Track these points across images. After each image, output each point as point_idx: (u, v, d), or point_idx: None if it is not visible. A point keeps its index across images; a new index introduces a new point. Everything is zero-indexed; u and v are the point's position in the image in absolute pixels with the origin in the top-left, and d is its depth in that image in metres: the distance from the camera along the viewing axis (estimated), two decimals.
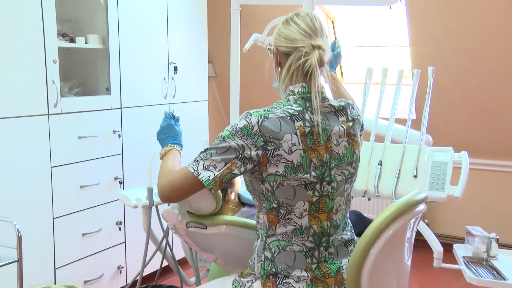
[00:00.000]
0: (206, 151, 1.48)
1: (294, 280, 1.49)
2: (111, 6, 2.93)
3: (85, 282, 2.89)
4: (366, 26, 4.26)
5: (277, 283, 1.49)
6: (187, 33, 3.51)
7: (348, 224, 1.64)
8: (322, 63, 1.52)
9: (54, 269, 2.72)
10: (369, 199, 2.80)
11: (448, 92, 3.66)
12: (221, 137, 1.48)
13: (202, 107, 3.70)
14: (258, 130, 1.45)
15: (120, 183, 3.07)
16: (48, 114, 2.62)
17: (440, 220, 4.09)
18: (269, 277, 1.51)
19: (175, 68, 3.40)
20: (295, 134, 1.46)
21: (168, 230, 2.07)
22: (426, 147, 2.58)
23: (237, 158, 1.45)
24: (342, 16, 4.17)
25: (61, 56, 2.71)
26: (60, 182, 2.71)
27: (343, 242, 1.58)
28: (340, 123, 1.55)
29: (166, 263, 2.37)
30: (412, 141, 2.71)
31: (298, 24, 1.53)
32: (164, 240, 2.20)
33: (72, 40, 2.80)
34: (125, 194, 2.27)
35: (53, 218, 2.69)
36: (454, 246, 2.65)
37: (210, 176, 1.45)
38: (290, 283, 1.49)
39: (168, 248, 2.24)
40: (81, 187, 2.83)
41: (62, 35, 2.78)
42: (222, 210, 1.88)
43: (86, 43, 2.87)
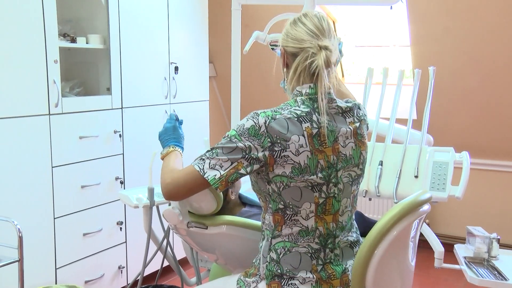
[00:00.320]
0: (212, 150, 1.47)
1: (300, 281, 1.48)
2: (112, 6, 2.93)
3: (86, 282, 2.89)
4: (367, 26, 4.25)
5: (282, 284, 1.49)
6: (188, 33, 3.51)
7: (354, 225, 1.63)
8: (329, 64, 1.51)
9: (55, 269, 2.72)
10: (370, 199, 2.80)
11: (449, 92, 3.66)
12: (227, 137, 1.47)
13: (203, 107, 3.70)
14: (265, 131, 1.44)
15: (121, 183, 3.07)
16: (49, 114, 2.62)
17: (441, 220, 4.09)
18: (274, 278, 1.50)
19: (176, 68, 3.40)
20: (302, 135, 1.45)
21: (169, 230, 2.07)
22: (427, 147, 2.58)
23: (243, 158, 1.44)
24: (343, 16, 4.16)
25: (62, 56, 2.72)
26: (61, 182, 2.71)
27: (349, 243, 1.58)
28: (347, 124, 1.54)
29: (167, 263, 2.37)
30: (413, 141, 2.71)
31: (306, 25, 1.52)
32: (165, 240, 2.20)
33: (73, 40, 2.81)
34: (126, 194, 2.27)
35: (54, 218, 2.69)
36: (455, 246, 2.65)
37: (216, 175, 1.45)
38: (295, 284, 1.48)
39: (169, 248, 2.24)
40: (82, 187, 2.83)
41: (63, 35, 2.78)
42: (223, 210, 1.88)
43: (87, 43, 2.87)
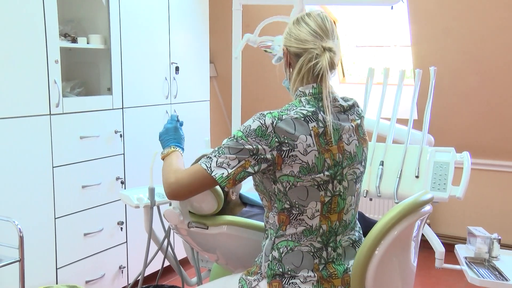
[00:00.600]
0: (219, 150, 1.47)
1: (301, 280, 1.49)
2: (113, 6, 2.93)
3: (86, 282, 2.89)
4: (367, 26, 4.25)
5: (283, 283, 1.49)
6: (188, 33, 3.51)
7: (357, 224, 1.64)
8: (333, 65, 1.51)
9: (56, 269, 2.72)
10: (370, 200, 2.80)
11: (449, 92, 3.65)
12: (234, 137, 1.46)
13: (204, 107, 3.70)
14: (273, 131, 1.44)
15: (122, 183, 3.08)
16: (50, 114, 2.62)
17: (442, 221, 4.09)
18: (275, 277, 1.50)
19: (177, 68, 3.40)
20: (309, 135, 1.45)
21: (170, 230, 2.07)
22: (428, 147, 2.58)
23: (251, 157, 1.44)
24: (343, 16, 4.16)
25: (63, 56, 2.72)
26: (62, 182, 2.71)
27: (351, 242, 1.58)
28: (349, 122, 1.56)
29: (168, 263, 2.37)
30: (414, 141, 2.71)
31: (309, 25, 1.51)
32: (166, 240, 2.20)
33: (74, 40, 2.81)
34: (126, 194, 2.27)
35: (55, 218, 2.69)
36: (456, 246, 2.65)
37: (223, 174, 1.45)
38: (296, 283, 1.48)
39: (169, 248, 2.24)
40: (82, 187, 2.83)
41: (64, 35, 2.78)
42: (223, 210, 1.88)
43: (88, 43, 2.87)
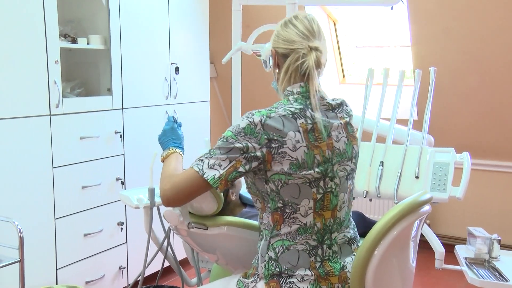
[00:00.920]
0: (210, 152, 1.48)
1: (298, 279, 1.49)
2: (113, 6, 2.93)
3: (86, 283, 2.89)
4: (367, 26, 4.25)
5: (280, 282, 1.49)
6: (188, 33, 3.51)
7: (351, 222, 1.65)
8: (319, 64, 1.55)
9: (56, 269, 2.72)
10: (370, 200, 2.81)
11: (449, 93, 3.65)
12: (224, 138, 1.48)
13: (204, 108, 3.70)
14: (262, 129, 1.46)
15: (122, 183, 3.08)
16: (50, 115, 2.62)
17: (442, 221, 4.09)
18: (272, 277, 1.51)
19: (177, 69, 3.41)
20: (298, 131, 1.47)
21: (170, 230, 2.07)
22: (427, 148, 2.58)
23: (241, 156, 1.45)
24: (343, 17, 4.16)
25: (63, 56, 2.72)
26: (62, 183, 2.71)
27: (346, 240, 1.58)
28: (338, 119, 1.58)
29: (168, 263, 2.37)
30: (414, 141, 2.71)
31: (297, 27, 1.55)
32: (166, 241, 2.20)
33: (74, 41, 2.81)
34: (126, 194, 2.27)
35: (54, 219, 2.69)
36: (456, 247, 2.65)
37: (215, 175, 1.46)
38: (293, 282, 1.49)
39: (169, 249, 2.24)
40: (82, 187, 2.83)
41: (64, 35, 2.78)
42: (223, 211, 1.88)
43: (88, 43, 2.88)
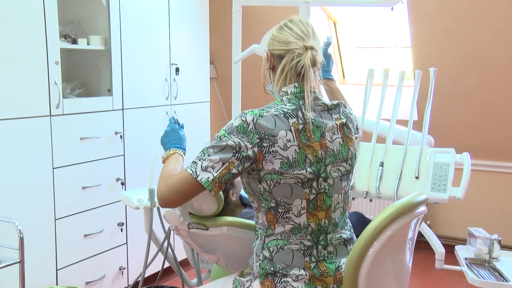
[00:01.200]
0: (204, 152, 1.50)
1: (293, 279, 1.49)
2: (113, 7, 2.93)
3: (86, 283, 2.89)
4: (367, 27, 4.26)
5: (275, 282, 1.50)
6: (189, 34, 3.52)
7: (348, 223, 1.65)
8: (315, 63, 1.56)
9: (56, 270, 2.72)
10: (370, 200, 2.81)
11: (450, 93, 3.66)
12: (217, 137, 1.50)
13: (204, 108, 3.70)
14: (254, 128, 1.47)
15: (122, 184, 3.08)
16: (50, 115, 2.62)
17: (442, 222, 4.09)
18: (267, 276, 1.51)
19: (177, 69, 3.41)
20: (289, 130, 1.49)
21: (170, 231, 2.07)
22: (427, 148, 2.58)
23: (234, 157, 1.46)
24: (343, 17, 4.17)
25: (63, 57, 2.72)
26: (62, 183, 2.71)
27: (342, 241, 1.59)
28: (333, 120, 1.58)
29: (168, 264, 2.37)
30: (414, 142, 2.71)
31: (292, 29, 1.58)
32: (166, 241, 2.20)
33: (74, 42, 2.81)
34: (127, 195, 2.27)
35: (55, 219, 2.69)
36: (456, 247, 2.65)
37: (209, 178, 1.46)
38: (288, 282, 1.49)
39: (169, 249, 2.24)
40: (83, 188, 2.83)
41: (64, 36, 2.79)
42: (224, 211, 1.88)
43: (88, 44, 2.88)
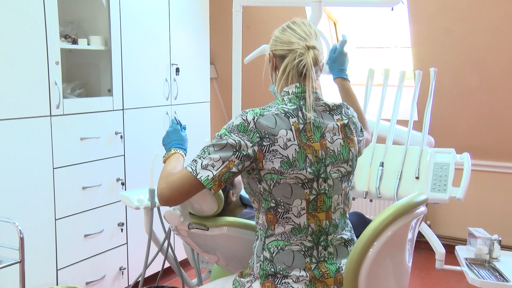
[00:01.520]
0: (204, 150, 1.50)
1: (293, 280, 1.49)
2: (113, 7, 2.93)
3: (87, 283, 2.89)
4: (368, 27, 4.25)
5: (276, 283, 1.50)
6: (189, 34, 3.52)
7: (348, 224, 1.65)
8: (317, 62, 1.56)
9: (56, 270, 2.72)
10: (371, 201, 2.80)
11: (450, 93, 3.66)
12: (218, 135, 1.50)
13: (204, 109, 3.70)
14: (254, 127, 1.47)
15: (122, 184, 3.08)
16: (50, 116, 2.62)
17: (442, 222, 4.09)
18: (268, 277, 1.51)
19: (177, 70, 3.41)
20: (290, 130, 1.49)
21: (170, 231, 2.07)
22: (428, 148, 2.58)
23: (234, 156, 1.46)
24: (344, 18, 4.17)
25: (63, 57, 2.72)
26: (62, 183, 2.71)
27: (343, 242, 1.58)
28: (334, 121, 1.58)
29: (168, 264, 2.37)
30: (414, 142, 2.71)
31: (294, 30, 1.59)
32: (166, 242, 2.20)
33: (74, 42, 2.81)
34: (127, 195, 2.27)
35: (55, 219, 2.69)
36: (456, 247, 2.65)
37: (209, 176, 1.46)
38: (289, 283, 1.49)
39: (170, 250, 2.24)
40: (83, 188, 2.83)
41: (65, 36, 2.79)
42: (224, 212, 1.88)
43: (88, 44, 2.88)
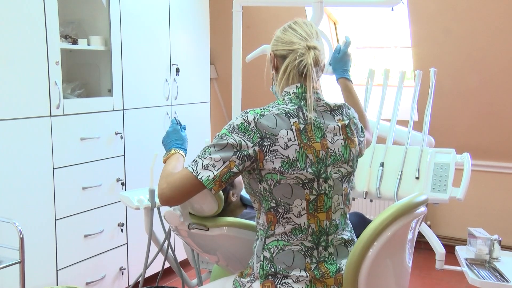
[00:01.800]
0: (205, 150, 1.50)
1: (293, 280, 1.49)
2: (113, 7, 2.93)
3: (87, 284, 2.89)
4: (368, 27, 4.25)
5: (276, 283, 1.50)
6: (189, 34, 3.52)
7: (348, 225, 1.65)
8: (317, 63, 1.56)
9: (56, 270, 2.72)
10: (371, 201, 2.80)
11: (450, 94, 3.66)
12: (219, 135, 1.50)
13: (204, 109, 3.70)
14: (255, 127, 1.47)
15: (122, 184, 3.08)
16: (50, 116, 2.62)
17: (443, 222, 4.09)
18: (268, 277, 1.51)
19: (177, 70, 3.41)
20: (290, 130, 1.49)
21: (170, 231, 2.07)
22: (428, 148, 2.58)
23: (234, 156, 1.46)
24: (344, 18, 4.17)
25: (63, 57, 2.72)
26: (62, 184, 2.71)
27: (343, 242, 1.58)
28: (335, 122, 1.58)
29: (168, 264, 2.37)
30: (414, 142, 2.71)
31: (296, 30, 1.58)
32: (166, 242, 2.20)
33: (74, 42, 2.81)
34: (127, 195, 2.27)
35: (55, 220, 2.69)
36: (457, 248, 2.65)
37: (209, 176, 1.46)
38: (289, 283, 1.49)
39: (170, 250, 2.24)
40: (83, 188, 2.83)
41: (65, 36, 2.79)
42: (224, 212, 1.88)
43: (88, 44, 2.88)
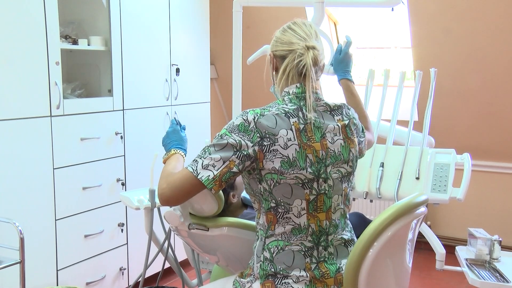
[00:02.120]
0: (205, 150, 1.50)
1: (293, 280, 1.49)
2: (114, 8, 2.93)
3: (87, 284, 2.89)
4: (368, 27, 4.25)
5: (276, 283, 1.50)
6: (189, 34, 3.52)
7: (348, 225, 1.65)
8: (316, 62, 1.57)
9: (56, 270, 2.72)
10: (371, 201, 2.80)
11: (450, 94, 3.65)
12: (218, 135, 1.51)
13: (204, 109, 3.70)
14: (255, 127, 1.48)
15: (122, 184, 3.08)
16: (50, 116, 2.62)
17: (443, 222, 4.09)
18: (268, 277, 1.51)
19: (177, 70, 3.41)
20: (290, 129, 1.49)
21: (170, 231, 2.07)
22: (428, 149, 2.58)
23: (234, 156, 1.46)
24: (344, 18, 4.17)
25: (63, 58, 2.72)
26: (63, 184, 2.71)
27: (343, 242, 1.58)
28: (335, 122, 1.58)
29: (168, 264, 2.37)
30: (414, 143, 2.71)
31: (295, 31, 1.59)
32: (166, 242, 2.20)
33: (74, 42, 2.81)
34: (127, 195, 2.27)
35: (55, 220, 2.69)
36: (457, 248, 2.65)
37: (209, 176, 1.46)
38: (289, 283, 1.49)
39: (170, 250, 2.24)
40: (83, 188, 2.83)
41: (65, 37, 2.79)
42: (225, 212, 1.88)
43: (88, 45, 2.88)
